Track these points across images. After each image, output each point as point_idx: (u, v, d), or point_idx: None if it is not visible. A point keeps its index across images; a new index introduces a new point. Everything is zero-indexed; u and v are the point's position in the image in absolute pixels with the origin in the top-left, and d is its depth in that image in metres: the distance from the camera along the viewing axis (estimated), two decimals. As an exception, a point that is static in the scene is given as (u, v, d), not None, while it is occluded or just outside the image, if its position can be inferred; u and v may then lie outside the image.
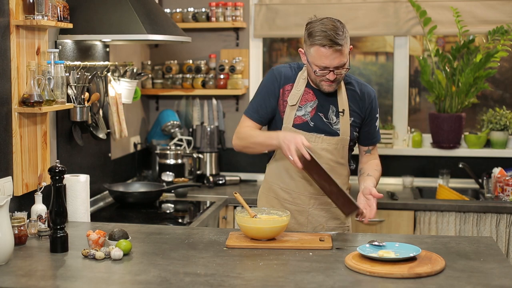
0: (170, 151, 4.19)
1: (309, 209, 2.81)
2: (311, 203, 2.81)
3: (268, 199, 2.90)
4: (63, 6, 2.95)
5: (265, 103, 2.79)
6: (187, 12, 4.34)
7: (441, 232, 3.70)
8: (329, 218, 2.83)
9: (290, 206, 2.82)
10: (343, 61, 2.61)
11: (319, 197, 2.80)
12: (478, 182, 4.14)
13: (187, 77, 4.37)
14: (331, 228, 2.83)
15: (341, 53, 2.58)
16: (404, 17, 4.24)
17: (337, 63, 2.60)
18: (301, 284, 2.03)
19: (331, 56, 2.58)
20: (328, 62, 2.60)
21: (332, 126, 2.75)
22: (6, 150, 2.71)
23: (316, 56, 2.61)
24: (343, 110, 2.74)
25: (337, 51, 2.57)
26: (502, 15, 4.14)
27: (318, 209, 2.82)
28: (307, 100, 2.76)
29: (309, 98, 2.76)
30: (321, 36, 2.57)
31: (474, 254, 2.34)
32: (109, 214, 3.47)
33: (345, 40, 2.60)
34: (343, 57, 2.60)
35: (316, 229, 2.82)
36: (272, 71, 2.82)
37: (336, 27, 2.58)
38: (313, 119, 2.75)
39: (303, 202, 2.81)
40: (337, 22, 2.62)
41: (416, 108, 4.61)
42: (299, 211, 2.82)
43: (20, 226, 2.47)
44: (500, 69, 4.38)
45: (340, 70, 2.63)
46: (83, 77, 3.24)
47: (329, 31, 2.56)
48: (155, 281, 2.07)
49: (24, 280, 2.10)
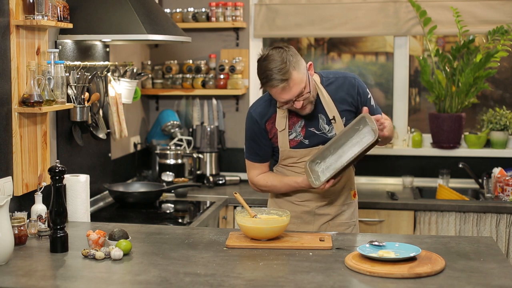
0: (170, 151, 4.19)
1: (316, 209, 2.85)
2: (318, 204, 2.85)
3: (276, 200, 2.94)
4: (63, 6, 2.95)
5: (258, 144, 2.82)
6: (187, 12, 4.34)
7: (441, 232, 3.70)
8: (335, 216, 2.86)
9: (298, 207, 2.86)
10: (300, 88, 2.57)
11: (326, 198, 2.84)
12: (478, 182, 4.14)
13: (187, 77, 4.37)
14: (336, 225, 2.86)
15: (293, 83, 2.55)
16: (404, 17, 4.24)
17: (294, 94, 2.57)
18: (301, 284, 2.03)
19: (285, 91, 2.56)
20: (286, 97, 2.58)
21: (327, 135, 2.76)
22: (6, 150, 2.71)
23: (273, 94, 2.62)
24: (334, 117, 2.74)
25: (286, 83, 2.54)
26: (502, 15, 4.14)
27: (324, 208, 2.85)
28: (294, 123, 2.76)
29: (295, 120, 2.76)
30: (266, 79, 2.56)
31: (474, 254, 2.34)
32: (109, 214, 3.47)
33: (292, 69, 2.53)
34: (298, 86, 2.56)
35: (321, 228, 2.86)
36: (249, 115, 2.81)
37: (279, 63, 2.52)
38: (306, 136, 2.76)
39: (311, 203, 2.85)
40: (277, 54, 2.55)
41: (416, 108, 4.61)
42: (306, 211, 2.86)
43: (20, 226, 2.47)
44: (500, 69, 4.38)
45: (302, 96, 2.60)
46: (83, 77, 3.24)
47: (270, 70, 2.54)
48: (155, 281, 2.07)
49: (24, 280, 2.10)
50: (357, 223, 2.94)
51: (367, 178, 4.35)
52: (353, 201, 2.92)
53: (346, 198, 2.88)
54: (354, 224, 2.91)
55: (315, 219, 2.85)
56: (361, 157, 2.63)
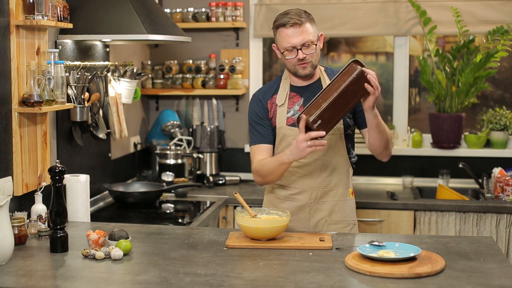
0: (170, 151, 4.19)
1: (311, 204, 2.83)
2: (312, 198, 2.83)
3: (269, 198, 2.95)
4: (63, 6, 2.95)
5: (261, 124, 2.85)
6: (187, 12, 4.34)
7: (441, 232, 3.70)
8: (331, 212, 2.84)
9: (292, 202, 2.85)
10: (309, 38, 2.70)
11: (320, 191, 2.83)
12: (478, 182, 4.14)
13: (187, 77, 4.37)
14: (334, 222, 2.85)
15: (304, 30, 2.69)
16: (404, 17, 4.24)
17: (301, 40, 2.69)
18: (301, 284, 2.03)
19: (294, 34, 2.69)
20: (293, 41, 2.69)
21: None
22: (6, 150, 2.71)
23: (280, 38, 2.73)
24: None
25: (298, 27, 2.68)
26: (502, 15, 4.14)
27: (319, 203, 2.84)
28: (294, 102, 2.82)
29: (295, 99, 2.83)
30: (282, 18, 2.72)
31: (474, 254, 2.34)
32: (109, 214, 3.47)
33: (307, 20, 2.71)
34: (307, 34, 2.69)
35: (318, 224, 2.84)
36: (252, 97, 2.93)
37: (298, 11, 2.72)
38: None
39: (305, 197, 2.83)
40: (301, 9, 2.76)
41: (416, 108, 4.61)
42: (300, 206, 2.83)
43: (20, 226, 2.47)
44: (500, 69, 4.38)
45: (308, 48, 2.70)
46: (83, 77, 3.24)
47: (290, 13, 2.71)
48: (155, 281, 2.07)
49: (24, 280, 2.10)
50: (356, 223, 2.92)
51: (367, 178, 4.35)
52: (351, 199, 2.90)
53: (342, 194, 2.86)
54: (354, 223, 2.90)
55: (310, 215, 2.84)
56: (351, 101, 2.56)
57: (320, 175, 2.83)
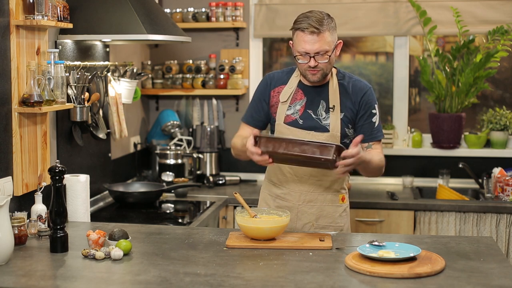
0: (170, 151, 4.19)
1: (299, 205, 2.83)
2: (301, 200, 2.82)
3: (263, 195, 2.96)
4: (63, 6, 2.95)
5: (258, 107, 2.86)
6: (187, 12, 4.34)
7: (441, 232, 3.70)
8: (319, 216, 2.83)
9: (282, 202, 2.85)
10: (324, 47, 2.63)
11: (309, 194, 2.82)
12: (478, 182, 4.14)
13: (187, 77, 4.37)
14: (321, 227, 2.83)
15: (321, 38, 2.62)
16: (404, 17, 4.24)
17: (317, 48, 2.62)
18: (301, 284, 2.03)
19: (311, 41, 2.62)
20: (307, 47, 2.63)
21: (322, 122, 2.75)
22: (6, 150, 2.71)
23: (297, 41, 2.67)
24: (333, 106, 2.75)
25: (316, 35, 2.61)
26: (502, 15, 4.14)
27: (307, 207, 2.83)
28: (296, 99, 2.80)
29: (298, 97, 2.80)
30: (302, 21, 2.64)
31: (474, 254, 2.34)
32: (109, 214, 3.47)
33: (327, 29, 2.63)
34: (323, 44, 2.63)
35: (305, 227, 2.83)
36: (265, 77, 2.91)
37: (321, 17, 2.64)
38: (302, 117, 2.77)
39: (293, 198, 2.83)
40: (324, 14, 2.67)
41: (416, 108, 4.61)
42: (289, 207, 2.83)
43: (20, 226, 2.47)
44: (500, 69, 4.38)
45: (321, 57, 2.64)
46: (83, 77, 3.24)
47: (311, 17, 2.63)
48: (155, 281, 2.07)
49: (24, 280, 2.10)
50: (345, 229, 2.87)
51: (366, 178, 4.33)
52: (341, 205, 2.86)
53: (331, 200, 2.83)
54: (341, 230, 2.85)
55: (297, 218, 2.82)
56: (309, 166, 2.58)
57: (309, 178, 2.80)
